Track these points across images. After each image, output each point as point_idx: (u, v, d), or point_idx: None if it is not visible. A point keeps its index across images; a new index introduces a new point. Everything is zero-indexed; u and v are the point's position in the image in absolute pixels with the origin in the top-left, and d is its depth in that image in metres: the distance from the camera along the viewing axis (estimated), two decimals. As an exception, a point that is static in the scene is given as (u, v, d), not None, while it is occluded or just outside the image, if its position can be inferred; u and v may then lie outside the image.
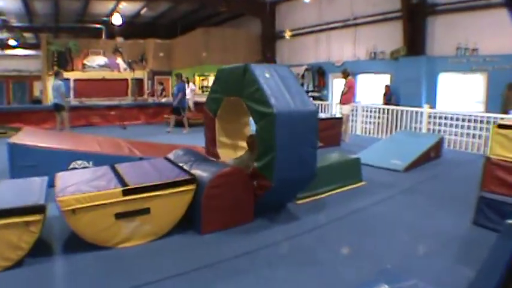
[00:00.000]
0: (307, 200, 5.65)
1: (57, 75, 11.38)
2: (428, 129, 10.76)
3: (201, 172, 4.58)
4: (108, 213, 3.96)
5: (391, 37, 14.78)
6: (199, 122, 13.53)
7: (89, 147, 6.72)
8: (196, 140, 10.80)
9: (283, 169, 4.54)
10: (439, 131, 10.56)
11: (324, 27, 17.43)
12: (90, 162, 6.26)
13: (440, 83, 13.71)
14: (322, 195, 5.87)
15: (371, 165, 7.57)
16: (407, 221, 5.00)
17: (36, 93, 24.78)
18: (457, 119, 10.26)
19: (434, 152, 8.57)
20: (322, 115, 13.30)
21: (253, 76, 4.77)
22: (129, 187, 4.06)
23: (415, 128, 11.12)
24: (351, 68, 12.37)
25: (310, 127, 4.79)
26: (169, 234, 4.35)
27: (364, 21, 15.76)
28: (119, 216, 4.00)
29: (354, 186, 6.44)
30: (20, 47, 25.00)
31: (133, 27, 24.12)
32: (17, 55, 25.08)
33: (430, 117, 10.79)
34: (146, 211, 4.14)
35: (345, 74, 11.01)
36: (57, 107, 11.07)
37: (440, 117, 10.68)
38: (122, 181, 4.23)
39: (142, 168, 4.91)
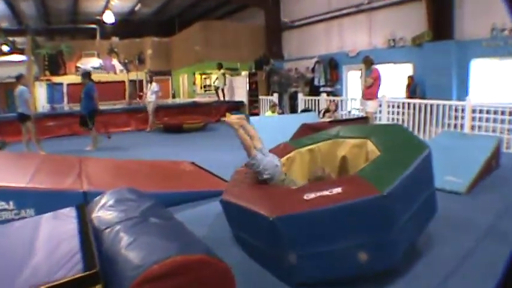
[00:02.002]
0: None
1: (18, 79, 9.23)
2: (472, 127, 8.58)
3: (128, 259, 2.36)
4: None
5: (412, 21, 12.57)
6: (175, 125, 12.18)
7: (12, 179, 4.67)
8: (185, 151, 9.12)
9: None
10: (485, 129, 8.41)
11: (335, 14, 15.16)
12: (11, 203, 4.24)
13: (473, 71, 11.49)
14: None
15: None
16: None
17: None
18: (508, 113, 8.11)
19: (494, 161, 6.41)
20: (341, 113, 11.29)
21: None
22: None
23: (450, 124, 8.98)
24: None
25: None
26: None
27: (380, 4, 13.53)
28: None
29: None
30: (14, 53, 23.11)
31: (129, 26, 22.15)
32: (11, 61, 23.13)
33: (474, 111, 8.59)
34: None
35: (368, 63, 8.85)
36: (21, 117, 8.97)
37: (488, 112, 8.49)
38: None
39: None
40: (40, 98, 17.73)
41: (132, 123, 13.28)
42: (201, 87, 20.49)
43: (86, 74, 10.16)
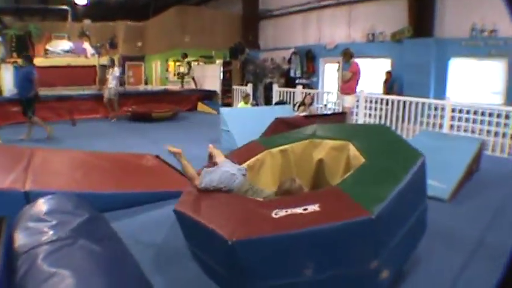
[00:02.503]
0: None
1: None
2: (451, 127, 8.18)
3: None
4: None
5: (392, 16, 12.24)
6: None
7: None
8: (151, 142, 8.46)
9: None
10: (464, 129, 8.03)
11: (315, 5, 14.65)
12: None
13: (452, 70, 11.18)
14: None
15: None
16: None
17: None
18: (488, 115, 7.75)
19: (475, 164, 5.99)
20: (316, 106, 10.78)
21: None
22: None
23: (429, 123, 8.57)
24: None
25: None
26: None
27: (361, -3, 13.04)
28: None
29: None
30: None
31: (102, 9, 21.08)
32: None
33: (453, 111, 8.19)
34: None
35: (347, 56, 8.30)
36: None
37: (468, 112, 8.09)
38: None
39: None
40: (6, 81, 16.57)
41: (100, 110, 12.35)
42: (174, 75, 19.68)
43: (27, 57, 9.18)
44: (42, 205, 2.77)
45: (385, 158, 2.86)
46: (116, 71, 11.79)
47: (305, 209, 2.22)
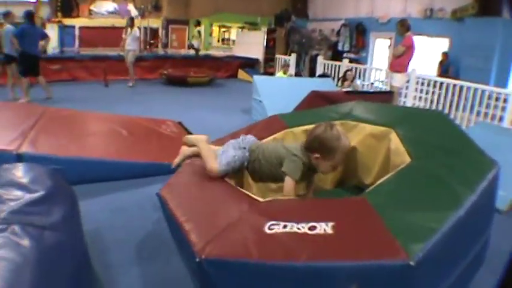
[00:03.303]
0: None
1: (6, 17, 8.11)
2: (512, 122, 7.07)
3: None
4: None
5: (455, -9, 10.85)
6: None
7: None
8: (181, 107, 7.84)
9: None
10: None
11: (370, -26, 13.38)
12: None
13: (519, 58, 9.86)
14: None
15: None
16: None
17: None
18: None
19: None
20: (361, 84, 9.80)
21: None
22: None
23: (487, 114, 7.43)
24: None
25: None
26: None
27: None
28: None
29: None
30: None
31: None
32: (20, 1, 21.45)
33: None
34: None
35: (404, 28, 7.16)
36: (7, 59, 8.00)
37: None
38: None
39: None
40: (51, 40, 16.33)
41: (137, 72, 11.86)
42: (218, 41, 18.89)
43: (29, 14, 8.23)
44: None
45: (440, 161, 1.97)
46: (136, 31, 10.62)
47: (312, 228, 1.45)
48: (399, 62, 7.21)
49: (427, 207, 1.60)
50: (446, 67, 10.75)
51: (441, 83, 8.02)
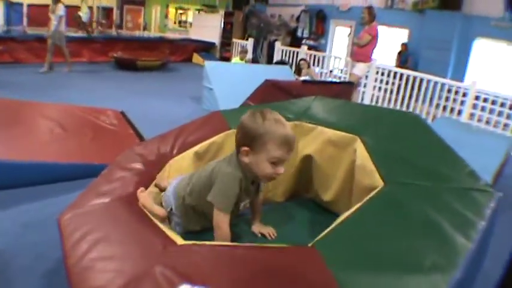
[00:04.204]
0: None
1: None
2: (471, 116, 6.81)
3: None
4: None
5: (417, -18, 10.54)
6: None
7: None
8: (126, 94, 7.06)
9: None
10: (486, 121, 6.69)
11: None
12: None
13: (475, 52, 9.69)
14: None
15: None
16: None
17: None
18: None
19: (501, 169, 4.67)
20: (319, 71, 9.33)
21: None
22: None
23: (446, 107, 7.12)
24: (359, 16, 7.87)
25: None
26: None
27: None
28: None
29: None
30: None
31: None
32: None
33: (477, 98, 6.77)
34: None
35: (371, 16, 6.76)
36: None
37: (493, 102, 6.69)
38: None
39: None
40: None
41: (85, 54, 10.88)
42: (175, 23, 17.94)
43: None
44: None
45: (425, 191, 1.42)
46: (61, 8, 8.65)
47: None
48: (362, 51, 6.86)
49: (409, 269, 1.06)
50: (405, 58, 10.56)
51: (401, 74, 7.69)
